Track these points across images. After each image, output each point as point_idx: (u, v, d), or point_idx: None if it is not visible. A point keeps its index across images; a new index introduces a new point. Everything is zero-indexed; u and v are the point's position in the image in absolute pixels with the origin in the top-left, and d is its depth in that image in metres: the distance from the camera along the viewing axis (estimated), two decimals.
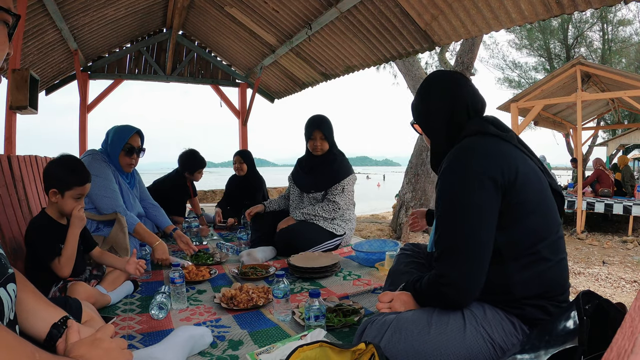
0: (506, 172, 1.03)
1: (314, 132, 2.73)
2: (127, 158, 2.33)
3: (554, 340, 0.78)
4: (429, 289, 1.10)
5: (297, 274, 2.08)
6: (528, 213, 1.03)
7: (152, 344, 1.26)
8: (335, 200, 2.65)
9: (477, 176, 1.02)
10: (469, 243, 1.02)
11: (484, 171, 1.02)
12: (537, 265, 1.02)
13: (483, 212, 1.02)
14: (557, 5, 2.01)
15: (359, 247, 2.39)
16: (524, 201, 1.03)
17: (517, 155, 1.09)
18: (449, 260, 1.04)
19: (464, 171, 1.04)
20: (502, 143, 1.10)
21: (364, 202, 17.16)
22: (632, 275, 4.42)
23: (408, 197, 7.35)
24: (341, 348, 0.99)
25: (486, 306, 1.07)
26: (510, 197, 1.02)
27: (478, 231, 1.02)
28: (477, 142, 1.10)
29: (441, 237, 1.07)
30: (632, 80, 6.72)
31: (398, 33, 3.04)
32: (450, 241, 1.05)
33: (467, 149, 1.08)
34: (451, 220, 1.05)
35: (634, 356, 0.33)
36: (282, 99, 5.93)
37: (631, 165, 10.16)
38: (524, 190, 1.03)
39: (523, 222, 1.03)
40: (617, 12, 13.73)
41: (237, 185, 3.77)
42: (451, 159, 1.09)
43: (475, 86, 1.24)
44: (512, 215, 1.03)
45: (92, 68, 4.96)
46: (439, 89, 1.24)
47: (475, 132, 1.13)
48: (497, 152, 1.06)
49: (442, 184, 1.09)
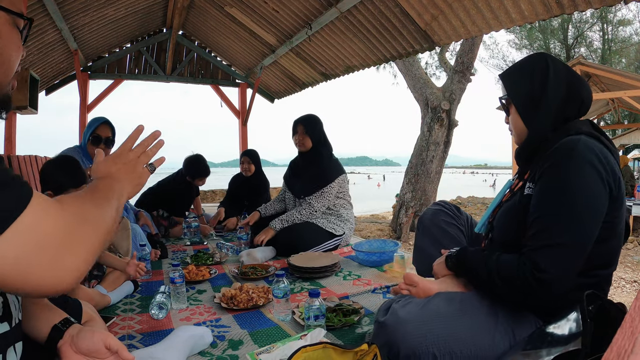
0: (615, 186, 0.99)
1: (297, 126, 2.80)
2: (95, 147, 2.36)
3: (557, 341, 0.78)
4: (512, 273, 1.00)
5: (297, 274, 2.08)
6: (613, 236, 1.00)
7: (152, 344, 1.26)
8: (311, 202, 2.66)
9: (601, 177, 0.97)
10: (583, 240, 0.96)
11: (605, 176, 0.97)
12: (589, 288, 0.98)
13: (600, 213, 0.97)
14: (557, 5, 2.01)
15: (359, 247, 2.39)
16: (616, 221, 1.00)
17: (619, 174, 1.03)
18: (554, 255, 0.95)
19: (590, 166, 0.97)
20: (611, 155, 1.03)
21: (364, 202, 17.15)
22: (632, 275, 4.42)
23: (408, 197, 7.35)
24: (344, 349, 0.99)
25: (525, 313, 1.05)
26: (611, 211, 0.99)
27: (592, 232, 0.96)
28: (597, 145, 1.02)
29: (550, 229, 0.97)
30: (632, 80, 6.72)
31: (398, 33, 3.04)
32: (565, 235, 0.95)
33: (592, 148, 0.99)
34: (569, 215, 0.96)
35: (634, 356, 0.33)
36: (282, 99, 5.93)
37: (631, 165, 10.16)
38: (619, 209, 1.00)
39: (608, 243, 1.00)
40: (617, 12, 13.74)
41: (241, 185, 3.74)
42: (575, 150, 0.99)
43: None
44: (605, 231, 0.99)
45: (92, 68, 4.96)
46: (563, 75, 1.12)
47: (589, 133, 1.05)
48: (612, 163, 1.00)
49: (563, 174, 0.99)
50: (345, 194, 2.83)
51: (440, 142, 7.18)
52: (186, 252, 2.70)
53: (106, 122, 2.40)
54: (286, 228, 2.61)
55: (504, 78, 1.22)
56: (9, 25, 0.67)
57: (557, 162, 1.01)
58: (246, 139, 6.00)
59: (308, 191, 2.72)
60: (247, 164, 3.67)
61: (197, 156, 3.44)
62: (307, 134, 2.77)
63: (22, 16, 0.69)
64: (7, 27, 0.66)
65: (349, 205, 2.87)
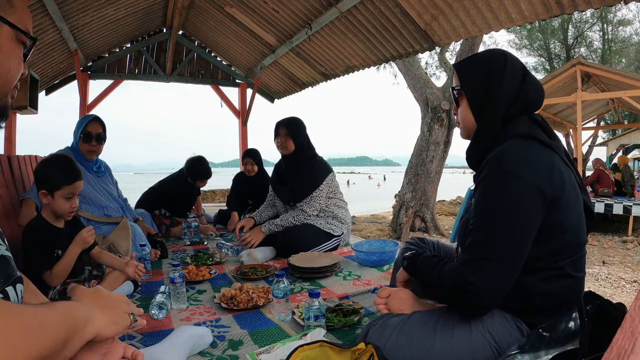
0: (554, 189, 0.97)
1: (279, 128, 2.71)
2: (86, 144, 2.34)
3: (555, 341, 0.78)
4: (450, 284, 1.02)
5: (297, 274, 2.08)
6: (563, 232, 1.00)
7: (152, 344, 1.26)
8: (302, 208, 2.62)
9: (528, 186, 0.96)
10: (507, 259, 0.96)
11: (536, 183, 0.96)
12: (558, 280, 1.00)
13: (529, 225, 0.96)
14: (557, 5, 2.01)
15: (359, 247, 2.39)
16: (562, 221, 0.99)
17: (563, 169, 1.02)
18: (482, 269, 0.97)
19: (516, 178, 0.97)
20: (549, 153, 1.03)
21: (364, 202, 17.15)
22: (632, 275, 4.42)
23: (408, 197, 7.35)
24: (341, 348, 0.99)
25: (495, 311, 1.05)
26: (552, 215, 0.98)
27: (520, 248, 0.97)
28: (527, 149, 1.01)
29: (478, 245, 1.00)
30: (632, 80, 6.72)
31: (398, 33, 3.04)
32: (488, 253, 0.97)
33: (518, 155, 1.00)
34: (495, 227, 0.98)
35: (634, 356, 0.33)
36: (282, 99, 5.93)
37: (631, 165, 10.16)
38: (565, 209, 0.99)
39: (556, 240, 0.99)
40: (617, 12, 13.75)
41: (245, 185, 3.73)
42: (501, 161, 1.00)
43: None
44: (548, 232, 0.99)
45: (92, 68, 4.96)
46: (516, 70, 1.10)
47: (524, 135, 1.04)
48: (547, 165, 0.99)
49: (490, 187, 1.01)
50: (336, 192, 2.77)
51: (440, 142, 7.18)
52: (186, 252, 2.70)
53: (96, 119, 2.38)
54: (286, 229, 2.60)
55: (459, 69, 1.19)
56: (11, 40, 0.68)
57: (486, 175, 1.02)
58: (246, 139, 6.00)
59: (297, 198, 2.65)
60: (251, 165, 3.62)
61: (199, 158, 3.43)
62: (289, 136, 2.68)
63: (27, 35, 0.70)
64: (10, 41, 0.67)
65: (343, 203, 2.82)
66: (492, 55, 1.14)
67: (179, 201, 3.41)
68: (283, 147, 2.70)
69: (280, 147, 2.72)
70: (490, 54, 1.15)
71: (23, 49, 0.71)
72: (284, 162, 2.80)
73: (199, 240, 3.00)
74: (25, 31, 0.69)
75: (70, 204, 1.62)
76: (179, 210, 3.40)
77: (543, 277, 1.01)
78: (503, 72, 1.09)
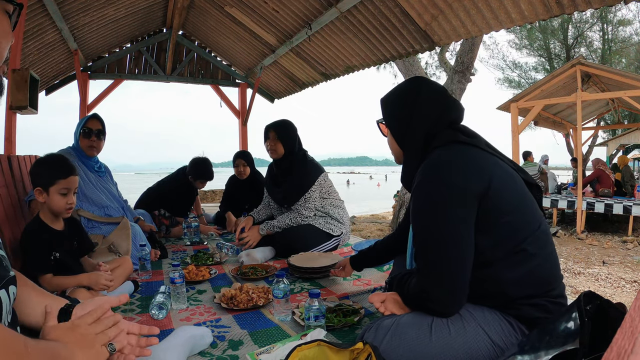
0: (481, 182, 1.02)
1: (269, 132, 2.68)
2: (86, 140, 2.36)
3: (555, 341, 0.78)
4: (415, 298, 1.11)
5: (297, 274, 2.08)
6: (506, 214, 1.02)
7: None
8: (298, 210, 2.60)
9: (455, 191, 1.01)
10: (450, 259, 1.01)
11: (461, 185, 1.01)
12: (525, 262, 1.02)
13: (463, 227, 1.01)
14: (557, 5, 2.01)
15: (359, 247, 2.39)
16: (500, 204, 1.02)
17: (488, 159, 1.08)
18: (430, 277, 1.04)
19: (442, 187, 1.03)
20: (472, 150, 1.09)
21: (364, 202, 17.15)
22: (632, 275, 4.42)
23: (408, 197, 7.36)
24: (339, 347, 0.99)
25: (485, 308, 1.07)
26: (486, 203, 1.02)
27: (458, 247, 1.01)
28: (451, 154, 1.08)
29: (421, 253, 1.06)
30: (632, 80, 6.72)
31: (398, 33, 3.04)
32: (431, 258, 1.04)
33: (442, 163, 1.06)
34: (430, 236, 1.04)
35: (634, 356, 0.33)
36: (282, 99, 5.93)
37: (631, 165, 10.16)
38: (499, 194, 1.02)
39: (503, 223, 1.02)
40: (617, 12, 13.74)
41: (238, 188, 3.70)
42: (427, 172, 1.07)
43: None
44: (490, 218, 1.02)
45: (92, 68, 4.96)
46: (430, 99, 1.18)
47: (446, 141, 1.11)
48: (470, 162, 1.05)
49: (419, 198, 1.07)
50: (330, 192, 2.74)
51: None
52: (186, 252, 2.70)
53: (94, 116, 2.41)
54: (285, 229, 2.59)
55: (382, 103, 1.30)
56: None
57: (413, 192, 1.09)
58: (246, 139, 6.00)
59: (291, 200, 2.65)
60: (243, 167, 3.57)
61: (205, 159, 3.42)
62: (279, 140, 2.65)
63: (12, 1, 0.68)
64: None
65: (339, 202, 2.79)
66: (406, 86, 1.24)
67: (178, 201, 3.41)
68: (273, 151, 2.68)
69: (270, 151, 2.70)
70: (404, 86, 1.24)
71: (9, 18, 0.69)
72: (275, 165, 2.78)
73: (199, 240, 3.00)
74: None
75: (66, 200, 1.60)
76: (178, 210, 3.39)
77: (510, 264, 1.02)
78: (416, 102, 1.18)
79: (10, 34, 0.70)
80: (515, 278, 1.02)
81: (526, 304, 1.03)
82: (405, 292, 1.15)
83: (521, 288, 1.02)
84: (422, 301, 1.07)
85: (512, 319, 1.04)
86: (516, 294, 1.03)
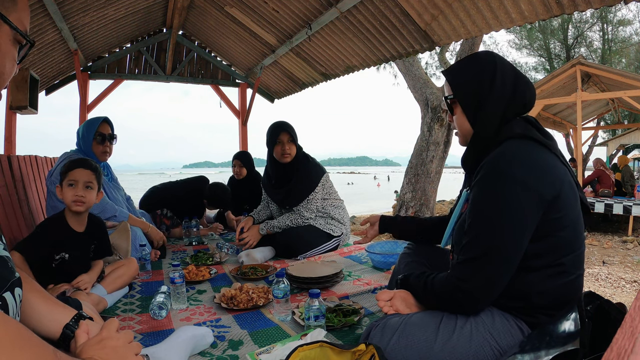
0: (553, 190, 0.98)
1: (281, 134, 2.53)
2: (100, 146, 2.35)
3: (555, 341, 0.78)
4: (443, 288, 1.07)
5: (295, 284, 1.89)
6: (562, 228, 1.00)
7: (153, 344, 1.26)
8: (300, 212, 2.57)
9: (528, 193, 0.97)
10: (502, 259, 0.99)
11: (536, 188, 0.97)
12: (559, 277, 1.01)
13: (524, 225, 0.98)
14: (557, 5, 2.01)
15: (372, 248, 2.34)
16: (561, 217, 1.00)
17: (560, 168, 1.03)
18: (477, 266, 1.00)
19: (516, 185, 0.98)
20: (546, 153, 1.03)
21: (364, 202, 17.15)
22: (632, 275, 4.42)
23: (408, 197, 7.35)
24: (341, 348, 0.99)
25: (495, 312, 1.05)
26: (550, 213, 0.99)
27: (514, 249, 0.99)
28: (525, 149, 1.02)
29: (473, 243, 1.02)
30: (632, 80, 6.72)
31: (398, 33, 3.04)
32: (484, 248, 1.00)
33: (520, 160, 1.00)
34: (491, 230, 1.00)
35: (634, 356, 0.33)
36: (282, 99, 5.93)
37: (631, 165, 10.16)
38: (563, 206, 1.00)
39: (555, 236, 1.00)
40: (617, 12, 13.74)
41: (237, 188, 3.70)
42: (502, 166, 1.01)
43: None
44: (547, 229, 1.00)
45: (92, 68, 4.96)
46: (507, 72, 1.10)
47: (520, 135, 1.05)
48: (544, 165, 1.01)
49: (488, 191, 1.01)
50: (331, 192, 2.72)
51: (440, 142, 7.18)
52: (186, 252, 2.70)
53: (105, 120, 2.41)
54: (285, 230, 2.58)
55: (449, 77, 1.17)
56: (9, 40, 0.68)
57: (483, 176, 1.03)
58: (246, 139, 5.99)
59: (293, 202, 2.59)
60: (239, 167, 3.60)
61: (224, 187, 3.38)
62: (293, 143, 2.54)
63: (26, 37, 0.70)
64: (7, 41, 0.67)
65: (339, 202, 2.78)
66: (481, 60, 1.12)
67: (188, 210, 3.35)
68: (287, 155, 2.54)
69: (284, 156, 2.55)
70: (479, 59, 1.14)
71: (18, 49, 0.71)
72: (282, 169, 2.64)
73: (199, 241, 3.00)
74: (24, 33, 0.69)
75: (74, 192, 1.63)
76: (184, 215, 3.39)
77: (543, 276, 1.01)
78: (494, 77, 1.08)
79: (16, 64, 0.71)
80: (545, 289, 1.01)
81: (544, 314, 1.02)
82: (429, 285, 1.11)
83: (545, 299, 1.01)
84: (453, 290, 1.03)
85: (524, 324, 1.03)
86: (539, 303, 1.01)
